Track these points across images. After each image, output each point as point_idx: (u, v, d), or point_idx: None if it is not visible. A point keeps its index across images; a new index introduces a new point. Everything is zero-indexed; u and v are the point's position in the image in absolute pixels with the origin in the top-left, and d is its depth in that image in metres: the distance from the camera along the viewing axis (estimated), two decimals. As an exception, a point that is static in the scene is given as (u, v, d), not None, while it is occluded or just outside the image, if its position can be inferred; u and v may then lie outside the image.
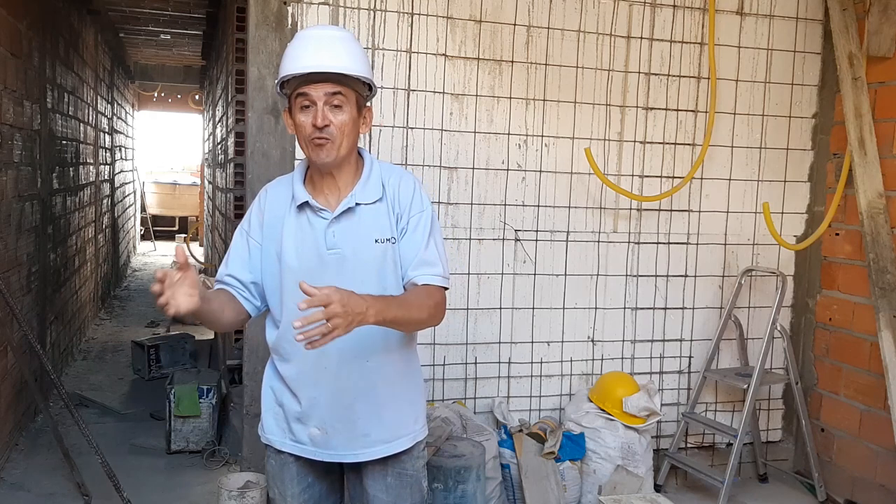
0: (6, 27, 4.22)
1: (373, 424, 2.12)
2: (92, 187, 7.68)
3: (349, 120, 2.03)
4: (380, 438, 2.13)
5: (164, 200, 15.53)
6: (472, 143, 3.75)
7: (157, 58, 11.69)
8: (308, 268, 2.04)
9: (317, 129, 1.99)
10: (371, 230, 2.07)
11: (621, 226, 3.99)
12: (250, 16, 3.47)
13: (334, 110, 2.00)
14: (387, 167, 2.19)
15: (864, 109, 3.84)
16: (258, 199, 2.19)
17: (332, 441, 2.12)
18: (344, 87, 2.01)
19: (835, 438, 4.12)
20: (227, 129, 5.25)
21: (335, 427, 2.11)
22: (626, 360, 4.08)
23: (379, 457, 2.14)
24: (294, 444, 2.17)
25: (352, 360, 2.08)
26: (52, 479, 3.98)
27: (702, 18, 3.99)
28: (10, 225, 4.30)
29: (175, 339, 6.17)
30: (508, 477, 3.66)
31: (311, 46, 2.03)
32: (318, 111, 1.99)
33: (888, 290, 3.69)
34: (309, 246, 2.06)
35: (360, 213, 2.07)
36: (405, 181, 2.15)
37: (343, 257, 2.05)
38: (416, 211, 2.11)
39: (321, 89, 1.99)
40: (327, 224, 2.05)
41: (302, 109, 2.02)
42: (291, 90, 2.04)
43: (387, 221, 2.09)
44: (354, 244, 2.05)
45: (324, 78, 1.98)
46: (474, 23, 3.70)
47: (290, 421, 2.16)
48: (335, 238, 2.05)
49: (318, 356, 2.02)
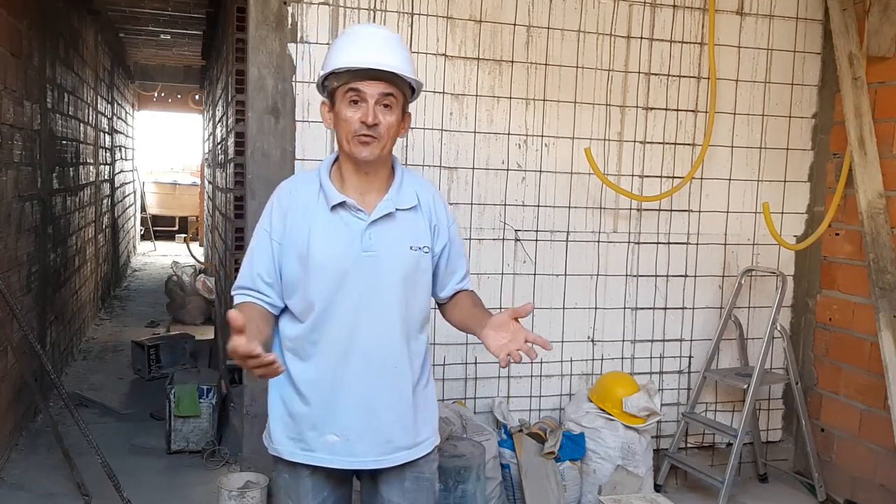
0: (6, 27, 4.22)
1: (396, 430, 2.09)
2: (92, 187, 7.68)
3: (395, 122, 2.03)
4: (402, 445, 2.11)
5: (164, 200, 15.52)
6: (472, 143, 3.75)
7: (157, 58, 11.69)
8: (340, 267, 2.01)
9: (365, 126, 1.97)
10: (407, 237, 2.07)
11: (621, 226, 3.99)
12: (250, 16, 3.47)
13: (384, 110, 1.99)
14: (410, 174, 2.19)
15: (864, 109, 3.84)
16: (279, 198, 2.12)
17: (354, 447, 2.07)
18: (396, 88, 2.01)
19: (835, 438, 4.12)
20: (227, 129, 5.25)
21: (357, 433, 2.06)
22: (626, 360, 4.08)
23: (401, 463, 2.11)
24: (307, 454, 2.10)
25: (379, 366, 2.05)
26: (52, 479, 3.98)
27: (702, 18, 3.99)
28: (10, 225, 4.30)
29: (175, 339, 6.17)
30: (508, 477, 3.66)
31: (369, 43, 2.01)
32: (370, 109, 1.97)
33: (888, 290, 3.69)
34: (343, 246, 2.02)
35: (399, 218, 2.07)
36: (436, 192, 2.21)
37: (377, 260, 2.03)
38: (451, 222, 2.21)
39: (376, 87, 1.98)
40: (365, 226, 2.03)
41: (350, 104, 1.99)
42: (340, 83, 2.00)
43: (423, 231, 2.11)
44: (390, 248, 2.04)
45: (380, 76, 1.97)
46: (474, 23, 3.70)
47: (303, 429, 2.09)
48: (371, 240, 2.03)
49: (342, 359, 2.03)
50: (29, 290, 4.78)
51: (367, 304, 2.02)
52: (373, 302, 2.03)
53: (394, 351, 2.07)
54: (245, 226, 3.64)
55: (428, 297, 2.17)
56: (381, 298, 2.04)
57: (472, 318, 2.13)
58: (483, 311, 2.13)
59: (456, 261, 2.22)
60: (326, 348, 2.03)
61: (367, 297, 2.02)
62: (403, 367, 2.09)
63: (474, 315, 2.13)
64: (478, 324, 2.05)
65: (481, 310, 2.15)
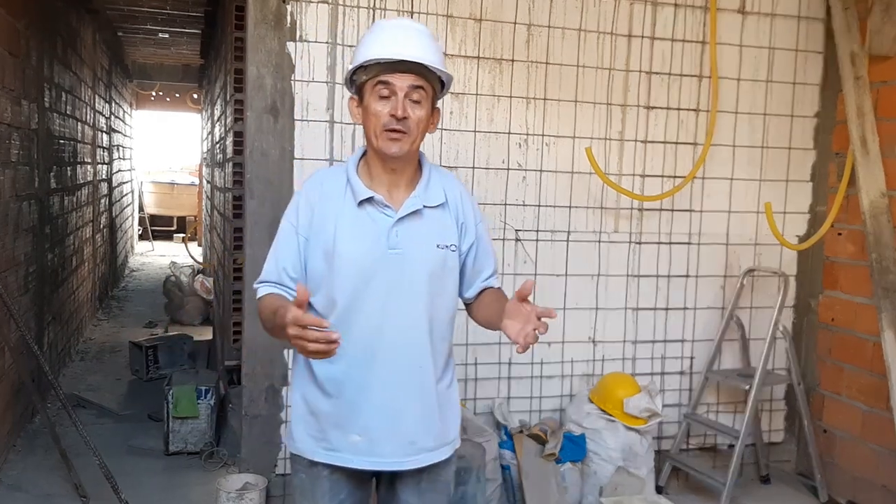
0: (4, 26, 4.20)
1: (420, 432, 2.07)
2: (90, 187, 7.66)
3: (425, 116, 2.00)
4: (425, 447, 2.08)
5: (163, 200, 15.51)
6: (473, 143, 3.73)
7: (155, 57, 11.66)
8: (366, 264, 1.99)
9: (394, 120, 1.94)
10: (433, 235, 2.05)
11: (622, 226, 3.97)
12: (249, 15, 3.45)
13: (413, 104, 1.97)
14: (438, 171, 2.16)
15: (866, 109, 3.82)
16: (306, 192, 2.09)
17: (377, 448, 2.04)
18: (426, 81, 1.98)
19: (837, 439, 4.10)
20: (226, 128, 5.23)
21: (381, 433, 2.03)
22: (628, 360, 4.06)
23: (424, 465, 2.08)
24: (329, 453, 2.06)
25: (405, 365, 2.03)
26: (50, 480, 3.96)
27: (703, 17, 3.97)
28: (7, 225, 4.28)
29: (173, 339, 6.15)
30: (509, 478, 3.64)
31: (398, 35, 1.99)
32: (399, 102, 1.94)
33: (891, 291, 3.67)
34: (369, 242, 2.00)
35: (426, 215, 2.05)
36: (464, 190, 2.17)
37: (403, 258, 2.00)
38: (479, 220, 2.18)
39: (405, 80, 1.95)
40: (392, 223, 2.00)
41: (379, 98, 1.96)
42: (369, 77, 1.97)
43: (450, 229, 2.09)
44: (416, 246, 2.02)
45: (409, 69, 1.94)
46: (474, 21, 3.68)
47: (326, 428, 2.06)
48: (398, 238, 2.00)
49: (369, 358, 2.00)
50: (26, 291, 4.75)
51: (392, 302, 2.00)
52: (398, 300, 2.00)
53: (420, 350, 2.04)
54: (244, 225, 3.62)
55: (454, 297, 2.15)
56: (406, 297, 2.01)
57: (493, 314, 2.09)
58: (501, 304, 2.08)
59: (483, 259, 2.18)
60: (352, 347, 1.98)
61: (392, 295, 2.00)
62: (428, 367, 2.06)
63: (494, 310, 2.10)
64: (497, 318, 2.01)
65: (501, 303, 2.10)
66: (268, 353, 3.54)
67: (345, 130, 3.54)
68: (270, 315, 1.96)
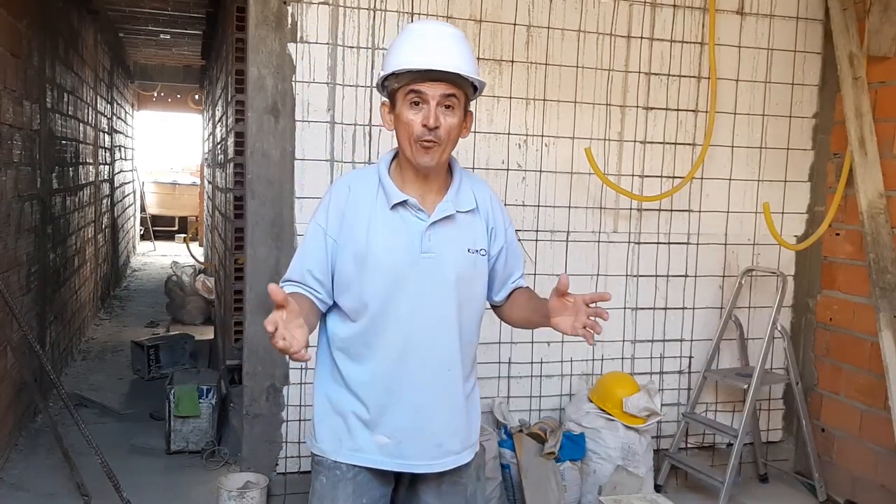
0: (6, 27, 4.22)
1: (447, 435, 2.07)
2: (91, 187, 7.68)
3: (457, 123, 1.98)
4: (451, 449, 2.09)
5: (164, 200, 15.52)
6: (472, 143, 3.75)
7: (156, 57, 11.68)
8: (399, 267, 1.98)
9: (427, 131, 1.93)
10: (465, 240, 2.05)
11: (621, 226, 3.99)
12: (250, 15, 3.47)
13: (445, 112, 1.95)
14: (468, 175, 2.16)
15: (864, 109, 3.83)
16: (336, 193, 2.06)
17: (404, 450, 2.04)
18: (458, 88, 1.96)
19: (835, 438, 4.12)
20: (227, 128, 5.24)
21: (409, 435, 2.03)
22: (627, 360, 4.07)
23: (449, 468, 2.09)
24: (354, 454, 2.06)
25: (435, 368, 2.03)
26: (52, 480, 3.98)
27: (702, 18, 3.99)
28: (9, 225, 4.29)
29: (175, 339, 6.17)
30: (508, 477, 3.66)
31: (430, 42, 1.96)
32: (431, 111, 1.92)
33: (888, 290, 3.68)
34: (402, 245, 1.99)
35: (458, 220, 2.05)
36: (493, 194, 2.18)
37: (436, 262, 2.00)
38: (508, 224, 2.19)
39: (438, 89, 1.93)
40: (425, 227, 2.00)
41: (411, 106, 1.95)
42: (400, 84, 1.95)
43: (481, 233, 2.09)
44: (448, 250, 2.02)
45: (442, 77, 1.92)
46: (474, 22, 3.69)
47: (352, 428, 2.06)
48: (430, 242, 2.00)
49: (398, 361, 2.00)
50: (28, 290, 4.77)
51: (423, 305, 2.00)
52: (430, 304, 2.01)
53: (450, 354, 2.05)
54: (245, 226, 3.63)
55: (483, 301, 2.15)
56: (438, 300, 2.02)
57: (535, 312, 2.11)
58: (541, 301, 2.08)
59: (513, 262, 2.20)
60: (382, 350, 2.00)
61: (424, 298, 2.00)
62: (457, 371, 2.07)
63: (535, 308, 2.11)
64: (542, 315, 2.02)
65: (539, 300, 2.12)
66: (269, 352, 3.55)
67: (345, 131, 3.56)
68: None
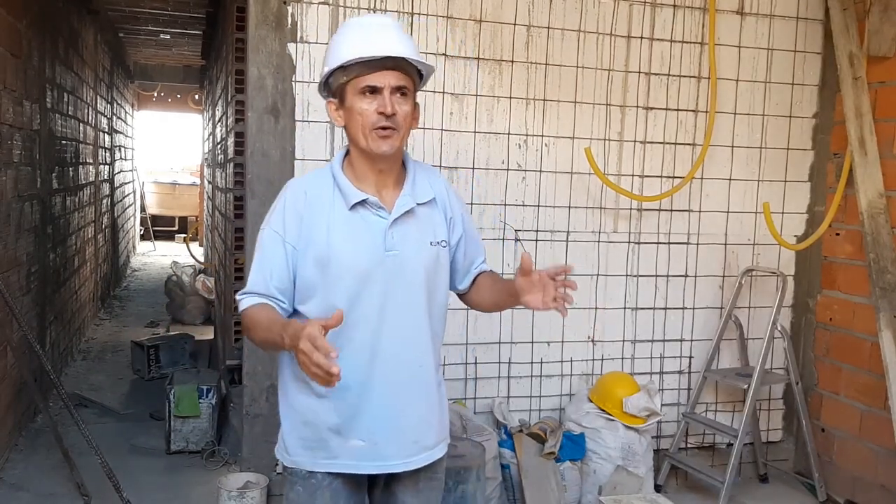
0: (6, 27, 4.22)
1: (422, 431, 2.06)
2: (91, 187, 7.68)
3: (410, 111, 1.96)
4: (426, 445, 2.08)
5: (164, 200, 15.52)
6: (472, 143, 3.75)
7: (156, 57, 11.68)
8: (364, 267, 1.95)
9: (384, 118, 1.90)
10: (426, 232, 2.03)
11: (621, 226, 3.99)
12: (250, 15, 3.47)
13: (400, 99, 1.92)
14: (421, 166, 2.14)
15: (864, 109, 3.83)
16: (291, 198, 2.01)
17: (381, 451, 2.01)
18: (408, 77, 1.94)
19: (835, 438, 4.12)
20: (227, 128, 5.24)
21: (385, 436, 2.01)
22: (627, 360, 4.07)
23: (425, 464, 2.08)
24: (330, 461, 2.02)
25: (407, 365, 2.01)
26: (52, 480, 3.98)
27: (702, 18, 3.99)
28: (9, 225, 4.29)
29: (175, 339, 6.17)
30: (508, 477, 3.66)
31: (376, 32, 1.94)
32: (387, 99, 1.89)
33: (888, 290, 3.68)
34: (365, 246, 1.96)
35: (417, 214, 2.02)
36: (446, 182, 2.18)
37: (400, 259, 1.97)
38: (464, 210, 2.18)
39: (390, 77, 1.90)
40: (388, 224, 1.97)
41: (364, 97, 1.91)
42: (350, 77, 1.92)
43: (441, 225, 2.08)
44: (411, 246, 1.99)
45: (392, 65, 1.90)
46: (474, 22, 3.70)
47: (324, 437, 2.02)
48: (394, 239, 1.97)
49: (369, 363, 1.97)
50: (28, 290, 4.77)
51: (391, 303, 1.97)
52: (397, 301, 1.98)
53: (421, 349, 2.04)
54: (245, 226, 3.63)
55: (447, 293, 2.14)
56: (406, 298, 1.99)
57: (502, 293, 2.11)
58: (507, 282, 2.08)
59: (473, 248, 2.19)
60: (352, 353, 1.94)
61: (391, 296, 1.97)
62: (429, 366, 2.06)
63: (502, 289, 2.11)
64: (510, 295, 2.01)
65: (505, 281, 2.11)
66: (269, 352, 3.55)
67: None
68: (265, 324, 1.91)
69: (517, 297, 1.98)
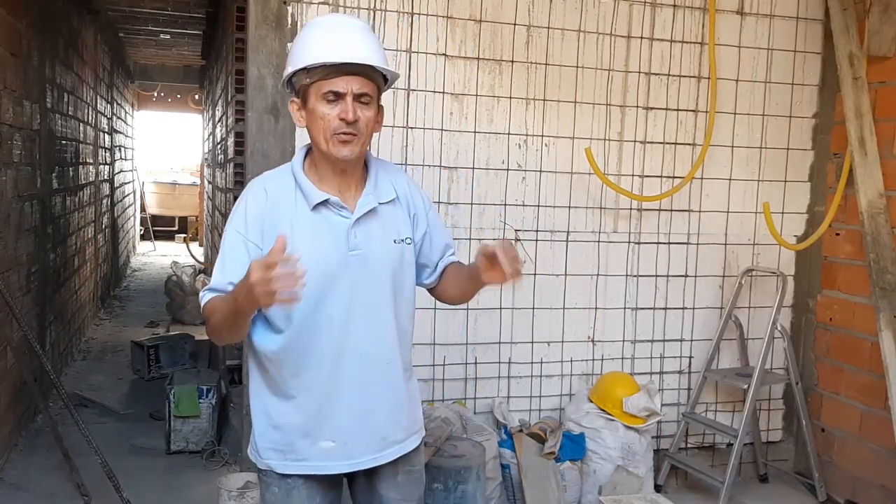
0: (6, 27, 4.22)
1: (390, 427, 2.07)
2: (91, 187, 7.68)
3: (373, 116, 1.95)
4: (395, 440, 2.08)
5: (164, 200, 15.53)
6: (472, 143, 3.75)
7: (156, 57, 11.69)
8: (329, 268, 1.93)
9: (345, 124, 1.89)
10: (389, 231, 2.03)
11: (621, 226, 3.99)
12: (250, 15, 3.47)
13: (362, 106, 1.91)
14: (383, 164, 2.14)
15: (864, 109, 3.83)
16: (253, 198, 1.99)
17: (350, 451, 2.02)
18: (372, 82, 1.93)
19: (835, 438, 4.12)
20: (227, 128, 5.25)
21: (353, 435, 2.01)
22: (627, 360, 4.07)
23: (394, 458, 2.09)
24: (300, 464, 2.02)
25: (374, 364, 2.01)
26: (52, 480, 3.98)
27: (702, 18, 3.98)
28: (9, 225, 4.30)
29: (175, 339, 6.17)
30: (508, 477, 3.66)
31: (342, 35, 1.92)
32: (349, 105, 1.89)
33: (889, 290, 3.68)
34: (328, 246, 1.95)
35: (380, 212, 2.02)
36: (409, 179, 2.18)
37: (364, 258, 1.97)
38: (429, 205, 2.18)
39: (353, 83, 1.89)
40: (350, 224, 1.96)
41: (327, 102, 1.90)
42: (313, 80, 1.91)
43: (404, 223, 2.08)
44: (375, 245, 1.99)
45: (355, 71, 1.88)
46: (474, 22, 3.69)
47: (292, 439, 2.01)
48: (357, 238, 1.96)
49: (335, 363, 1.96)
50: (28, 290, 4.77)
51: (357, 303, 1.97)
52: (363, 301, 1.98)
53: (387, 347, 2.03)
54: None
55: (413, 289, 2.13)
56: (371, 296, 1.99)
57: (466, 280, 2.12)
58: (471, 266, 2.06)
59: (439, 241, 2.19)
60: (318, 354, 1.95)
61: (357, 296, 1.97)
62: (396, 362, 2.06)
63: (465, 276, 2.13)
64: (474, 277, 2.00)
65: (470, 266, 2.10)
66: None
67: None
68: (220, 304, 1.89)
69: (479, 278, 1.96)
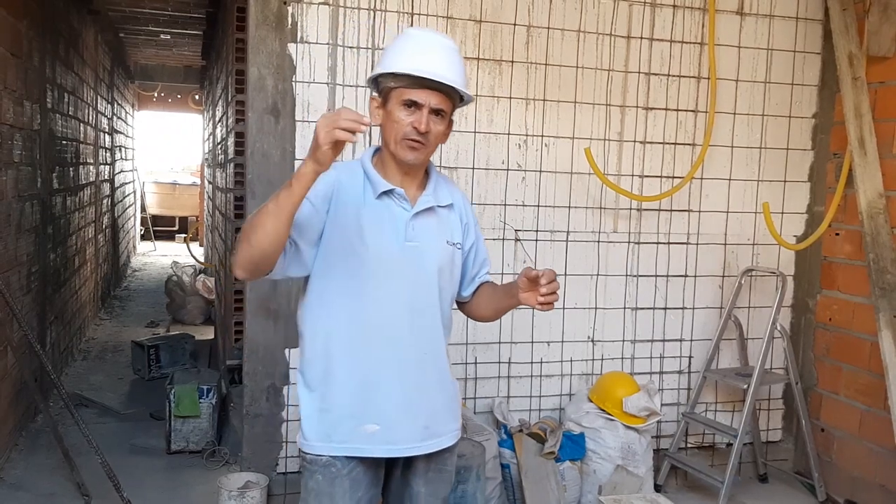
0: (6, 27, 4.22)
1: (432, 416, 2.15)
2: (92, 187, 7.68)
3: (443, 130, 2.08)
4: (436, 432, 2.16)
5: (164, 200, 15.53)
6: (472, 143, 3.75)
7: (157, 58, 11.69)
8: (388, 254, 2.07)
9: (416, 132, 2.02)
10: (444, 231, 2.16)
11: (621, 226, 3.99)
12: (250, 16, 3.47)
13: (436, 119, 2.04)
14: (442, 176, 2.27)
15: (864, 109, 3.84)
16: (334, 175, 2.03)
17: (392, 435, 2.10)
18: (449, 100, 2.05)
19: (835, 438, 4.12)
20: (227, 129, 5.25)
21: (397, 419, 2.09)
22: (626, 360, 4.08)
23: (436, 449, 2.16)
24: (343, 446, 2.09)
25: (422, 352, 2.12)
26: (52, 479, 3.98)
27: (702, 18, 3.99)
28: (10, 225, 4.30)
29: (175, 339, 6.17)
30: (508, 477, 3.66)
31: (431, 51, 2.04)
32: (424, 117, 2.01)
33: (888, 290, 3.69)
34: (388, 233, 2.08)
35: (437, 213, 2.15)
36: (464, 196, 2.32)
37: (419, 251, 2.09)
38: (475, 223, 2.32)
39: (432, 98, 2.01)
40: (409, 216, 2.09)
41: (404, 107, 2.03)
42: (396, 86, 2.03)
43: (457, 228, 2.21)
44: (430, 241, 2.12)
45: (437, 87, 2.01)
46: (474, 23, 3.70)
47: (338, 420, 2.09)
48: (414, 231, 2.09)
49: (387, 347, 2.07)
50: (29, 290, 4.77)
51: (409, 292, 2.09)
52: (415, 291, 2.10)
53: (435, 338, 2.16)
54: (245, 226, 3.63)
55: (455, 293, 2.26)
56: (422, 287, 2.11)
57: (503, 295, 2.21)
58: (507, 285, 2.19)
59: (481, 259, 2.32)
60: (369, 337, 2.07)
61: (409, 285, 2.09)
62: (441, 355, 2.18)
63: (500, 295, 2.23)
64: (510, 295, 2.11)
65: (505, 285, 2.22)
66: (269, 352, 3.56)
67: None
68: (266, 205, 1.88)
69: (516, 295, 2.07)
